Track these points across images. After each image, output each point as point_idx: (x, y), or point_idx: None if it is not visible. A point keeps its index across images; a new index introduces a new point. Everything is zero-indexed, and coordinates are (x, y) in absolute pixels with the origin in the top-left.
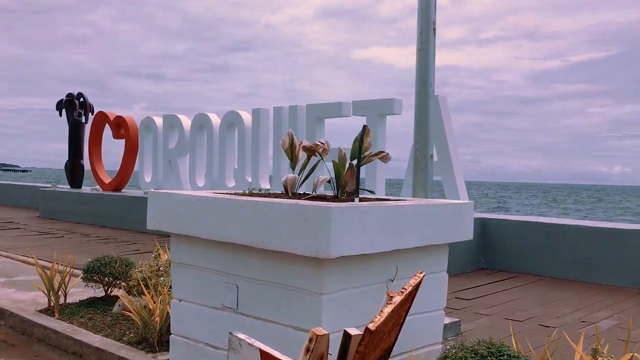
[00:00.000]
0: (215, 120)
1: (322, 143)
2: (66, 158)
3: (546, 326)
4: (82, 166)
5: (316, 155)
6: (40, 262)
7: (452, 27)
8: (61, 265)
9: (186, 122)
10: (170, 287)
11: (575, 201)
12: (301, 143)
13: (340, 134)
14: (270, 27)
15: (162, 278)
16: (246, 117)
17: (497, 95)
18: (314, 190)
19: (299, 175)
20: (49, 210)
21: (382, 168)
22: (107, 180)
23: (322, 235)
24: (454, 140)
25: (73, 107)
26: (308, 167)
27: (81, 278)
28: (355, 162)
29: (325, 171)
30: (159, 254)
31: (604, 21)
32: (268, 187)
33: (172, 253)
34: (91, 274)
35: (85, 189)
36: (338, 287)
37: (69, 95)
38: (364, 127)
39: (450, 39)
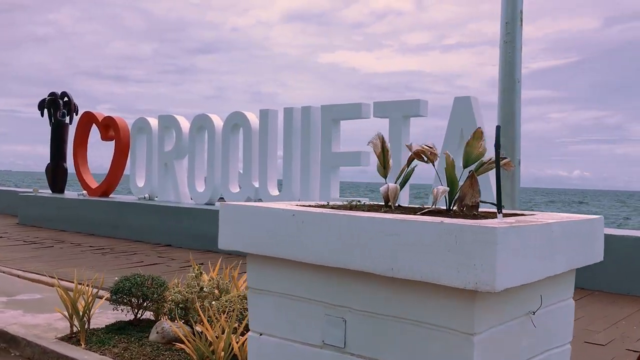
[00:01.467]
0: (217, 121)
1: (429, 147)
2: (28, 160)
3: (635, 351)
4: (66, 169)
5: (425, 161)
6: (45, 279)
7: (417, 33)
8: (85, 284)
9: (184, 123)
10: (224, 312)
11: (550, 204)
12: (414, 145)
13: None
14: (236, 30)
15: (213, 302)
16: (252, 118)
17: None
18: (434, 202)
19: (395, 183)
20: (29, 216)
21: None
22: (93, 184)
23: (485, 263)
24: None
25: (56, 106)
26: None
27: (106, 300)
28: (469, 168)
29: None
30: (200, 273)
31: (563, 29)
32: (277, 193)
33: (251, 278)
34: (121, 295)
35: (70, 194)
36: (488, 325)
37: (52, 94)
38: (497, 127)
39: (415, 44)
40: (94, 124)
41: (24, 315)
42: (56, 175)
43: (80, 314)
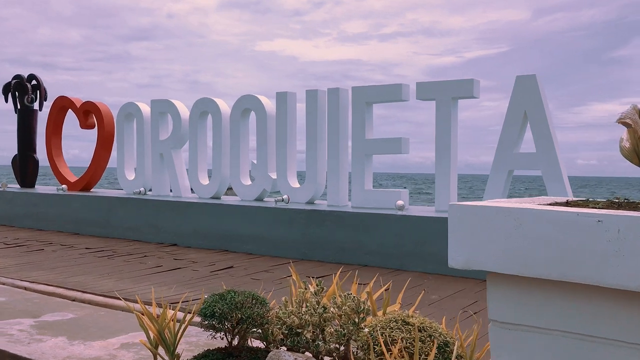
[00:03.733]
0: (224, 106)
1: None
2: None
3: None
4: (37, 161)
5: None
6: (62, 291)
7: (354, 21)
8: (165, 305)
9: (182, 108)
10: (392, 342)
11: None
12: None
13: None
14: (172, 16)
15: (366, 329)
16: (266, 102)
17: None
18: None
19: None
20: None
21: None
22: (72, 178)
23: None
24: (553, 126)
25: (24, 91)
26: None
27: (196, 325)
28: None
29: None
30: (322, 289)
31: (493, 20)
32: (297, 185)
33: (498, 308)
34: (217, 319)
35: (43, 188)
36: None
37: (18, 77)
38: None
39: (353, 33)
40: (69, 110)
41: (72, 344)
42: (25, 168)
43: (171, 344)
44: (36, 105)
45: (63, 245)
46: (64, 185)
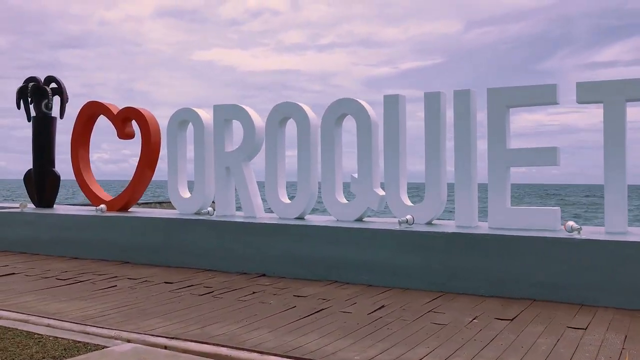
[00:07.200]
0: (310, 112)
1: None
2: None
3: None
4: (58, 177)
5: None
6: (240, 354)
7: (292, 32)
8: None
9: (254, 115)
10: None
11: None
12: None
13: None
14: (104, 24)
15: None
16: (367, 106)
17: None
18: None
19: None
20: (9, 240)
21: None
22: (104, 196)
23: None
24: None
25: (42, 95)
26: None
27: None
28: None
29: None
30: None
31: (427, 31)
32: (409, 203)
33: None
34: None
35: (70, 208)
36: None
37: (33, 79)
38: None
39: (291, 43)
40: (101, 117)
41: None
42: (43, 184)
43: None
44: (55, 112)
45: (133, 279)
46: (102, 205)
